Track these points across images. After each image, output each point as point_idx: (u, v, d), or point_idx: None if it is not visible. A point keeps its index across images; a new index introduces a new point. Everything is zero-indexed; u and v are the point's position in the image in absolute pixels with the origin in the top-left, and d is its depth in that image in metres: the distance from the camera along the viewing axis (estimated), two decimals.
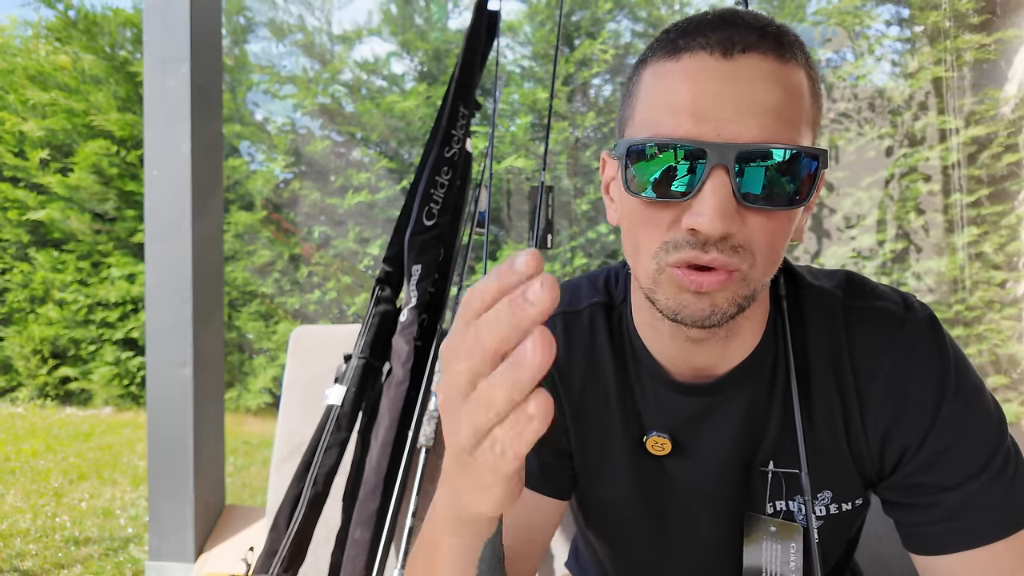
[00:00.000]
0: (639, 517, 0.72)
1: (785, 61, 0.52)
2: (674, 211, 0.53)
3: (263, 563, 1.25)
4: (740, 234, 0.52)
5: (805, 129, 0.53)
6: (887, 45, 4.16)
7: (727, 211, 0.50)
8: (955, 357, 0.61)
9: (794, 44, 0.54)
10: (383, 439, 1.36)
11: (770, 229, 0.53)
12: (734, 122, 0.50)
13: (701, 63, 0.52)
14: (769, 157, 0.50)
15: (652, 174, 0.53)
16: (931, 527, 0.59)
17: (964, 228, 3.79)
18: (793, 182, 0.52)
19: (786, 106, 0.51)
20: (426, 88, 4.76)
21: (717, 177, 0.50)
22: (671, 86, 0.53)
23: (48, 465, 3.41)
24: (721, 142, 0.50)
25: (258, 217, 4.81)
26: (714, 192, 0.50)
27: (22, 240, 4.92)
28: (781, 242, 0.55)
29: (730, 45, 0.51)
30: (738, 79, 0.51)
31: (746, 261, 0.53)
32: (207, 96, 1.93)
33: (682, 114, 0.52)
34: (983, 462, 0.58)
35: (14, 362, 4.90)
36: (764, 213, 0.52)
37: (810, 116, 0.54)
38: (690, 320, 0.55)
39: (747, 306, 0.56)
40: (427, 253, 1.47)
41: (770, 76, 0.51)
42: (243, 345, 4.96)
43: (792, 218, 0.54)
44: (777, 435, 0.65)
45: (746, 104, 0.50)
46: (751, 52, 0.51)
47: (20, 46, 5.08)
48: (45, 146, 4.84)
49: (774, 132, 0.51)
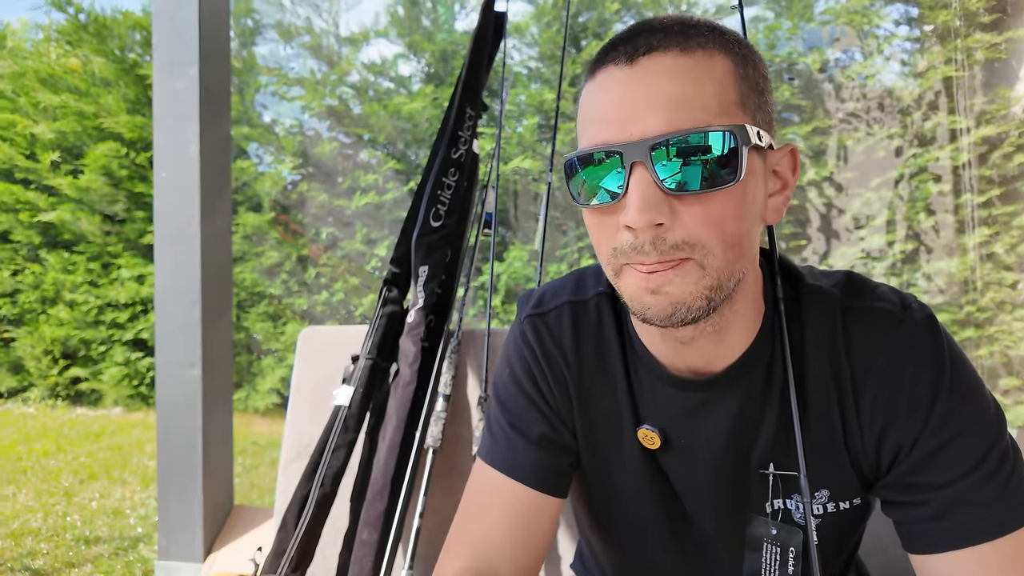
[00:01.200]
0: (642, 512, 0.72)
1: (690, 52, 0.54)
2: (616, 215, 0.56)
3: (271, 563, 1.26)
4: (677, 227, 0.53)
5: (727, 109, 0.54)
6: (896, 44, 4.14)
7: (650, 203, 0.52)
8: (951, 355, 0.60)
9: (704, 33, 0.55)
10: (390, 440, 1.36)
11: (712, 213, 0.54)
12: (640, 120, 0.53)
13: (610, 75, 0.56)
14: (683, 144, 0.52)
15: (588, 183, 0.57)
16: (922, 525, 0.59)
17: (975, 229, 3.76)
18: (715, 162, 0.53)
19: (694, 94, 0.53)
20: (433, 90, 4.77)
21: (637, 173, 0.53)
22: (589, 102, 0.58)
23: (59, 465, 3.44)
24: (632, 141, 0.53)
25: (266, 218, 4.84)
26: (636, 187, 0.53)
27: (33, 242, 4.97)
28: (733, 224, 0.54)
29: (633, 52, 0.55)
30: (639, 81, 0.54)
31: (696, 252, 0.54)
32: (215, 98, 1.94)
33: (597, 123, 0.56)
34: (977, 461, 0.58)
35: (26, 362, 4.94)
36: (698, 198, 0.53)
37: (734, 96, 0.55)
38: (657, 320, 0.56)
39: (717, 298, 0.56)
40: (434, 254, 1.48)
41: (671, 70, 0.54)
42: (251, 346, 4.99)
43: (733, 197, 0.54)
44: (773, 434, 0.65)
45: (648, 100, 0.53)
46: (652, 53, 0.54)
47: (31, 49, 5.13)
48: (56, 148, 4.88)
49: (679, 120, 0.52)
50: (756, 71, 0.58)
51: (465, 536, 0.71)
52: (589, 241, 4.59)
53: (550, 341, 0.72)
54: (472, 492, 0.74)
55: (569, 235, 4.50)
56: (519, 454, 0.71)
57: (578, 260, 4.47)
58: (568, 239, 4.49)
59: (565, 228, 4.55)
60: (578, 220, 4.51)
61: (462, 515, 0.73)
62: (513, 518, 0.70)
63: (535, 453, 0.71)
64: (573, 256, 4.48)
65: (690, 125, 0.52)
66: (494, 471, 0.72)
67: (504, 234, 4.64)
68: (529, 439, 0.72)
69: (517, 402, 0.74)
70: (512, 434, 0.72)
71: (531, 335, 0.73)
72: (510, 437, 0.72)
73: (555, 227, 4.51)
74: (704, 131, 0.52)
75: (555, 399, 0.72)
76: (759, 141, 0.55)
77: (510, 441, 0.72)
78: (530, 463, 0.70)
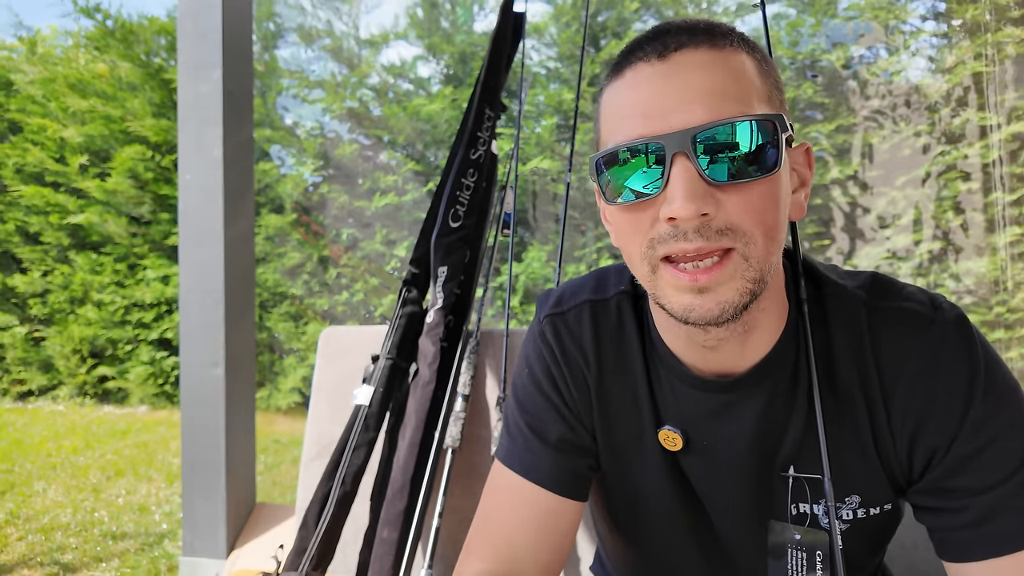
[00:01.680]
0: (662, 513, 0.71)
1: (720, 48, 0.55)
2: (652, 209, 0.55)
3: (293, 561, 1.27)
4: (720, 215, 0.53)
5: (758, 104, 0.55)
6: (923, 40, 4.05)
7: (696, 193, 0.52)
8: (985, 357, 0.59)
9: (728, 33, 0.56)
10: (410, 439, 1.37)
11: (752, 202, 0.53)
12: (680, 110, 0.53)
13: (640, 72, 0.56)
14: (725, 133, 0.52)
15: (623, 180, 0.56)
16: (960, 532, 0.58)
17: (1005, 227, 3.67)
18: (757, 151, 0.53)
19: (730, 86, 0.54)
20: (452, 91, 4.78)
21: (679, 164, 0.52)
22: (619, 99, 0.57)
23: (87, 461, 3.51)
24: (673, 131, 0.52)
25: (288, 220, 4.89)
26: (679, 177, 0.52)
27: (62, 243, 5.08)
28: (772, 215, 0.55)
29: (664, 48, 0.55)
30: (675, 74, 0.54)
31: (739, 240, 0.53)
32: (238, 101, 1.97)
33: (631, 118, 0.55)
34: (1016, 466, 0.56)
35: (55, 361, 5.06)
36: (738, 188, 0.53)
37: (762, 92, 0.56)
38: (702, 321, 0.55)
39: (759, 291, 0.55)
40: (453, 255, 1.48)
41: (706, 63, 0.54)
42: (273, 345, 5.05)
43: (772, 187, 0.54)
44: (799, 437, 0.64)
45: (686, 92, 0.53)
46: (683, 49, 0.55)
47: (61, 55, 5.25)
48: (84, 152, 4.99)
49: (721, 110, 0.52)
50: (774, 72, 0.59)
51: (486, 538, 0.71)
52: (608, 241, 4.54)
53: (569, 341, 0.72)
54: (491, 493, 0.73)
55: (588, 235, 4.48)
56: (537, 457, 0.71)
57: (597, 260, 4.46)
58: (587, 239, 4.47)
59: (584, 228, 4.54)
60: (596, 220, 4.49)
61: (482, 516, 0.73)
62: (533, 520, 0.69)
63: (553, 456, 0.70)
64: (592, 256, 4.47)
65: (730, 114, 0.52)
66: (512, 473, 0.72)
67: (523, 234, 4.64)
68: (547, 442, 0.71)
69: (536, 403, 0.73)
70: (530, 436, 0.72)
71: (550, 334, 0.73)
72: (528, 439, 0.72)
73: (574, 227, 4.50)
74: (748, 119, 0.53)
75: (574, 400, 0.72)
76: (791, 132, 0.55)
77: (528, 443, 0.72)
78: (548, 466, 0.70)
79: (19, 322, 5.10)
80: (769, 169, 0.53)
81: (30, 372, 5.09)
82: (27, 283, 5.00)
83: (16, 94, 5.08)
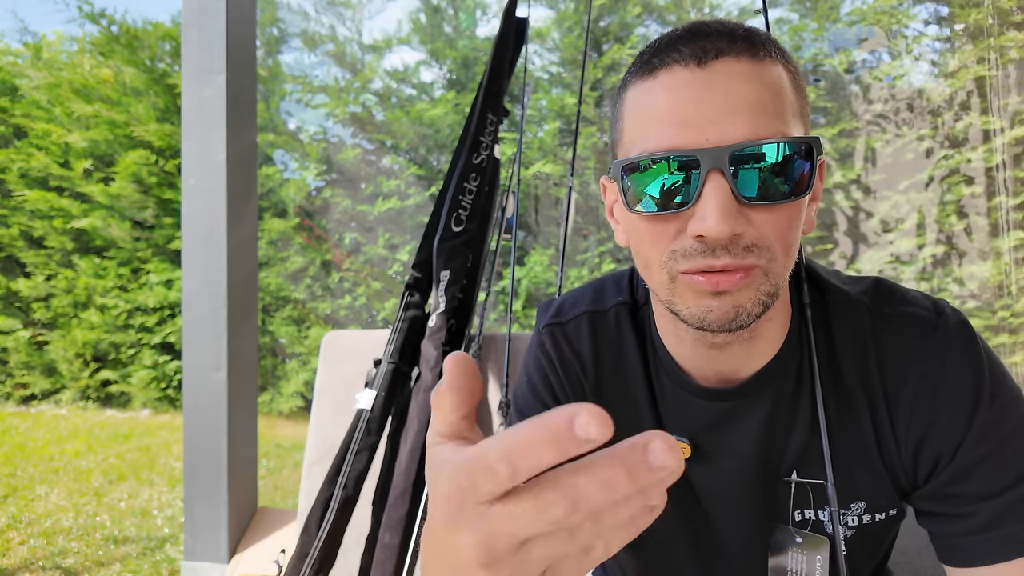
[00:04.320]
0: (663, 522, 0.71)
1: (760, 59, 0.53)
2: (677, 221, 0.54)
3: (294, 565, 1.27)
4: (749, 233, 0.52)
5: (793, 120, 0.54)
6: (925, 44, 4.05)
7: (730, 213, 0.50)
8: (990, 363, 0.59)
9: (767, 42, 0.54)
10: (412, 443, 1.37)
11: (779, 223, 0.53)
12: (719, 124, 0.51)
13: (677, 76, 0.53)
14: (762, 154, 0.51)
15: (649, 188, 0.54)
16: (965, 538, 0.58)
17: (1009, 232, 3.66)
18: (791, 174, 0.52)
19: (769, 101, 0.52)
20: (455, 96, 4.79)
21: (714, 180, 0.50)
22: (652, 101, 0.54)
23: (89, 465, 3.51)
24: (711, 146, 0.51)
25: (291, 224, 4.90)
26: (714, 195, 0.50)
27: (66, 247, 5.10)
28: (794, 234, 0.54)
29: (702, 54, 0.52)
30: (714, 84, 0.52)
31: (763, 257, 0.53)
32: (242, 106, 1.98)
33: (666, 125, 0.53)
34: (1021, 471, 0.56)
35: (58, 365, 5.06)
36: (768, 208, 0.52)
37: (796, 108, 0.55)
38: (716, 325, 0.55)
39: (771, 303, 0.55)
40: (455, 259, 1.48)
41: (747, 75, 0.52)
42: (276, 349, 5.05)
43: (800, 208, 0.54)
44: (803, 442, 0.63)
45: (727, 105, 0.51)
46: (723, 57, 0.52)
47: (65, 60, 5.27)
48: (88, 156, 5.01)
49: (761, 127, 0.51)
50: (801, 82, 0.57)
51: None
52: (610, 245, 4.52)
53: (568, 350, 0.72)
54: None
55: (590, 239, 4.48)
56: None
57: (599, 265, 4.45)
58: (589, 243, 4.47)
59: (586, 233, 4.53)
60: (599, 225, 4.49)
61: None
62: None
63: None
64: (594, 261, 4.47)
65: (768, 133, 0.51)
66: None
67: (524, 239, 4.64)
68: None
69: (535, 411, 0.73)
70: None
71: (549, 344, 0.73)
72: None
73: (576, 231, 4.49)
74: (789, 140, 0.51)
75: None
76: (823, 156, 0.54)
77: None
78: None
79: (22, 326, 5.11)
80: (801, 192, 0.52)
81: (33, 376, 5.09)
82: (31, 287, 5.01)
83: (21, 99, 5.11)
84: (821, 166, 0.60)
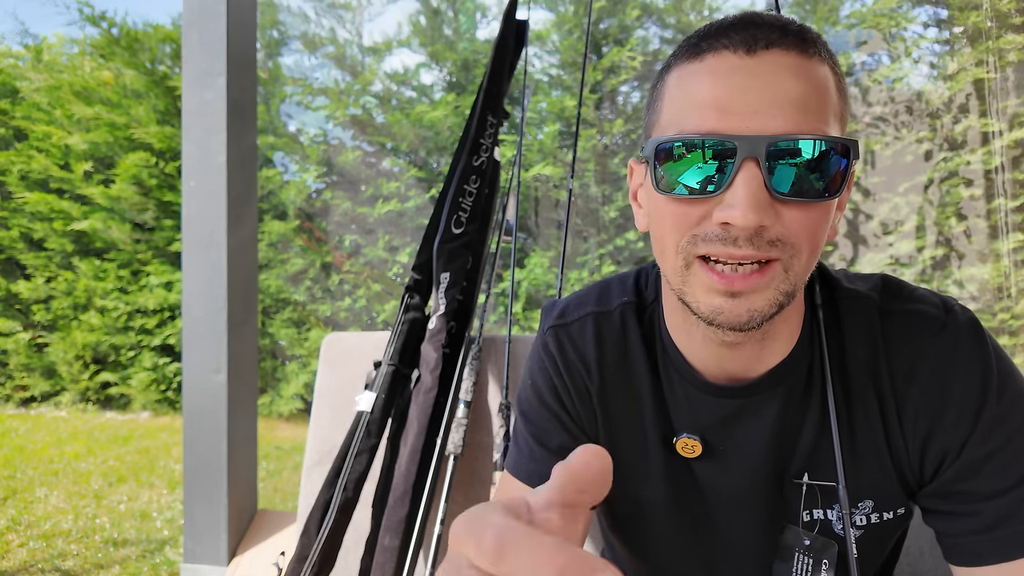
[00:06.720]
0: (668, 522, 0.71)
1: (809, 56, 0.52)
2: (704, 207, 0.53)
3: (294, 568, 1.26)
4: (775, 228, 0.52)
5: (833, 121, 0.53)
6: (925, 47, 4.06)
7: (760, 204, 0.50)
8: (998, 360, 0.59)
9: (816, 40, 0.54)
10: (412, 446, 1.37)
11: (808, 222, 0.52)
12: (761, 114, 0.50)
13: (725, 61, 0.52)
14: (799, 149, 0.50)
15: (681, 171, 0.53)
16: (972, 536, 0.58)
17: (1008, 234, 3.66)
18: (826, 173, 0.51)
19: (813, 98, 0.51)
20: (455, 98, 4.80)
21: (748, 170, 0.50)
22: (695, 85, 0.54)
23: (89, 467, 3.51)
24: (750, 135, 0.50)
25: (291, 226, 4.90)
26: (746, 185, 0.50)
27: (66, 249, 5.10)
28: (821, 235, 0.54)
29: (752, 42, 0.52)
30: (762, 73, 0.51)
31: (786, 252, 0.52)
32: (242, 109, 1.98)
33: (707, 109, 0.52)
34: None
35: (58, 367, 5.06)
36: (799, 205, 0.52)
37: (838, 110, 0.54)
38: (727, 324, 0.54)
39: (787, 304, 0.55)
40: (455, 261, 1.48)
41: (794, 69, 0.51)
42: (276, 351, 5.05)
43: (829, 210, 0.54)
44: (813, 441, 0.63)
45: (772, 96, 0.50)
46: (774, 48, 0.52)
47: (66, 63, 5.28)
48: (88, 158, 5.01)
49: (802, 123, 0.50)
50: (844, 85, 0.57)
51: None
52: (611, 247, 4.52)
53: (572, 352, 0.71)
54: None
55: (590, 241, 4.48)
56: (541, 465, 0.71)
57: (599, 267, 4.46)
58: (589, 246, 4.47)
59: (586, 235, 4.53)
60: (599, 227, 4.50)
61: None
62: None
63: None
64: (594, 263, 4.47)
65: (809, 130, 0.50)
66: (518, 482, 0.72)
67: (525, 241, 4.64)
68: (550, 450, 0.71)
69: (539, 414, 0.73)
70: (535, 445, 0.72)
71: (553, 346, 0.72)
72: (533, 449, 0.72)
73: (576, 234, 4.49)
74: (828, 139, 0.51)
75: (577, 411, 0.72)
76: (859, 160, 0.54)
77: (533, 452, 0.72)
78: None
79: (22, 328, 5.11)
80: (834, 193, 0.52)
81: (33, 378, 5.09)
82: (31, 289, 5.01)
83: (21, 101, 5.11)
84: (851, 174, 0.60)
